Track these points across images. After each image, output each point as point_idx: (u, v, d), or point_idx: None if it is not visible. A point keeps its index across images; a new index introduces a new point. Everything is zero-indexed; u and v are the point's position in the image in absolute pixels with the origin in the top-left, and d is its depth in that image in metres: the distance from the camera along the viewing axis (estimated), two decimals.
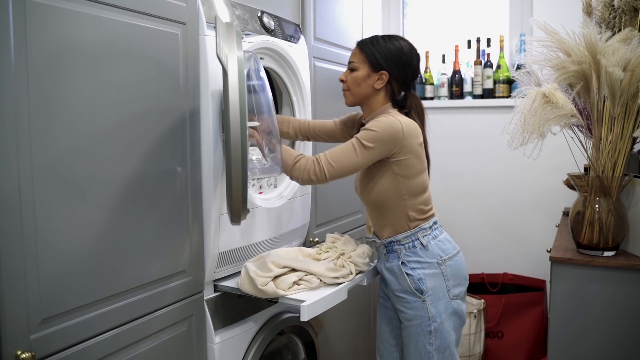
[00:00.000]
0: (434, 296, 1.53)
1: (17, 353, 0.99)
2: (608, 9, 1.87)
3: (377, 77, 1.56)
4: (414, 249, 1.56)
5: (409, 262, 1.55)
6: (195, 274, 1.43)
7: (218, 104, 1.44)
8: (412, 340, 1.56)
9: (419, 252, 1.55)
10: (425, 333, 1.54)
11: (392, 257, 1.59)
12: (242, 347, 1.56)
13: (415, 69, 1.61)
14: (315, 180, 1.48)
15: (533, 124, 1.61)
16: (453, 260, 1.58)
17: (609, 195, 1.68)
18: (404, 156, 1.51)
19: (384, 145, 1.49)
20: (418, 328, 1.55)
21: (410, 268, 1.55)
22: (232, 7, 1.55)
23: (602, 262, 1.67)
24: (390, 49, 1.56)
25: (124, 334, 1.21)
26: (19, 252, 0.99)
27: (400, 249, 1.57)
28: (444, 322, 1.54)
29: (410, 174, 1.54)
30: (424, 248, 1.55)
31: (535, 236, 2.75)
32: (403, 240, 1.56)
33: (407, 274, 1.54)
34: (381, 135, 1.48)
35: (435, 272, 1.54)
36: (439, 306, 1.54)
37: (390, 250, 1.59)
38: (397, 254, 1.57)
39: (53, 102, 1.04)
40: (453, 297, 1.56)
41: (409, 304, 1.55)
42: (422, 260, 1.55)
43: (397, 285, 1.57)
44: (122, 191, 1.20)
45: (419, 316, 1.54)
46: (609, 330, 1.66)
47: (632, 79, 1.59)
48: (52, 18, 1.04)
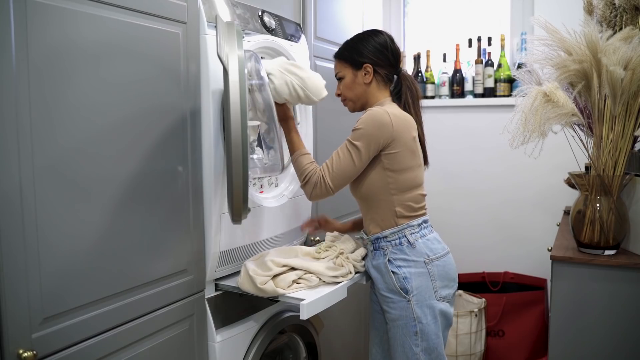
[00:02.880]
0: (419, 296, 1.50)
1: (19, 352, 0.99)
2: (609, 8, 1.86)
3: (363, 72, 1.58)
4: (400, 247, 1.53)
5: (395, 259, 1.52)
6: (196, 273, 1.43)
7: (219, 103, 1.44)
8: (398, 341, 1.52)
9: (405, 250, 1.52)
10: (411, 334, 1.50)
11: (379, 254, 1.56)
12: (243, 346, 1.56)
13: (392, 47, 1.61)
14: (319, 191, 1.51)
15: (534, 123, 1.61)
16: (441, 261, 1.55)
17: (609, 194, 1.68)
18: (395, 149, 1.50)
19: (374, 139, 1.48)
20: (404, 329, 1.51)
21: (396, 266, 1.52)
22: (233, 6, 1.55)
23: (603, 261, 1.67)
24: (359, 42, 1.60)
25: (125, 333, 1.22)
26: (21, 252, 0.99)
27: (386, 245, 1.54)
28: (430, 323, 1.50)
29: (399, 168, 1.52)
30: (410, 246, 1.52)
31: (536, 235, 2.75)
32: (389, 237, 1.54)
33: (392, 272, 1.51)
34: (367, 130, 1.48)
35: (421, 272, 1.51)
36: (424, 307, 1.50)
37: (377, 247, 1.57)
38: (383, 251, 1.55)
39: (54, 101, 1.05)
40: (440, 299, 1.53)
41: (394, 304, 1.52)
42: (408, 258, 1.52)
43: (383, 284, 1.54)
44: (123, 190, 1.20)
45: (404, 316, 1.50)
46: (609, 328, 1.66)
47: (633, 77, 1.59)
48: (53, 18, 1.04)
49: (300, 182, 1.56)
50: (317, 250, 1.60)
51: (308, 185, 1.52)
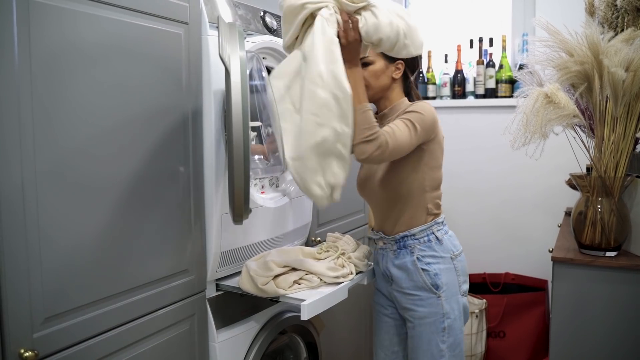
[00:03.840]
0: (449, 292, 1.52)
1: (21, 351, 0.99)
2: (611, 9, 1.86)
3: (394, 67, 1.56)
4: (429, 243, 1.54)
5: (424, 257, 1.53)
6: (197, 273, 1.43)
7: (220, 104, 1.45)
8: (424, 339, 1.52)
9: (434, 247, 1.54)
10: (439, 331, 1.51)
11: (404, 252, 1.55)
12: (243, 346, 1.56)
13: (421, 60, 1.63)
14: (379, 155, 1.38)
15: (535, 124, 1.61)
16: (461, 256, 1.59)
17: (611, 195, 1.68)
18: (434, 145, 1.53)
19: (427, 128, 1.48)
20: (432, 326, 1.52)
21: (425, 263, 1.52)
22: (235, 7, 1.55)
23: (604, 262, 1.67)
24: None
25: (126, 332, 1.22)
26: (23, 252, 1.00)
27: (414, 243, 1.54)
28: (457, 318, 1.53)
29: (435, 165, 1.55)
30: (438, 242, 1.54)
31: (537, 236, 2.75)
32: (418, 235, 1.54)
33: (422, 269, 1.52)
34: (426, 117, 1.47)
35: (449, 267, 1.54)
36: (452, 302, 1.53)
37: (402, 245, 1.55)
38: (410, 249, 1.54)
39: (56, 102, 1.05)
40: (462, 294, 1.57)
41: (422, 301, 1.52)
42: (437, 254, 1.53)
43: (409, 282, 1.54)
44: (124, 191, 1.21)
45: (433, 313, 1.51)
46: (610, 330, 1.66)
47: (635, 79, 1.59)
48: (56, 18, 1.04)
49: (360, 137, 1.37)
50: (318, 251, 1.60)
51: (372, 144, 1.36)
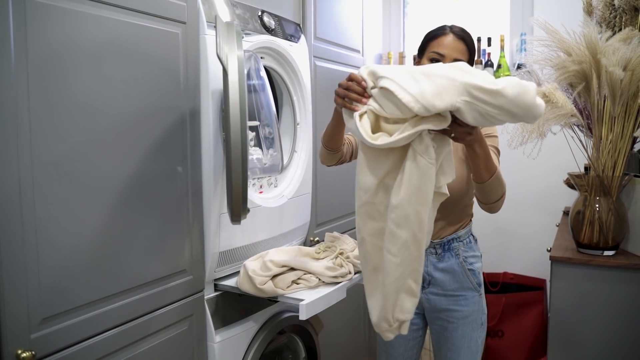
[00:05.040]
0: (482, 288, 1.58)
1: (18, 352, 0.99)
2: (608, 9, 1.87)
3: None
4: (470, 244, 1.57)
5: (467, 257, 1.55)
6: (195, 273, 1.43)
7: (218, 104, 1.44)
8: (466, 337, 1.54)
9: (473, 247, 1.58)
10: (478, 326, 1.56)
11: (448, 256, 1.55)
12: (242, 346, 1.56)
13: None
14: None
15: (533, 124, 1.61)
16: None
17: (609, 194, 1.68)
18: None
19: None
20: (473, 323, 1.55)
21: (469, 263, 1.55)
22: (233, 6, 1.55)
23: (602, 261, 1.67)
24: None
25: (124, 333, 1.22)
26: (20, 251, 0.99)
27: (458, 245, 1.55)
28: (486, 312, 1.59)
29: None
30: (476, 242, 1.59)
31: (536, 235, 2.75)
32: (463, 236, 1.56)
33: (469, 270, 1.55)
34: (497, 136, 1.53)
35: (481, 265, 1.59)
36: (484, 297, 1.59)
37: (447, 249, 1.55)
38: (454, 252, 1.54)
39: (53, 101, 1.04)
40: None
41: (467, 300, 1.54)
42: (475, 254, 1.58)
43: (455, 284, 1.54)
44: (122, 190, 1.20)
45: (476, 311, 1.55)
46: (608, 329, 1.66)
47: (633, 78, 1.59)
48: (52, 17, 1.04)
49: (495, 199, 1.38)
50: (317, 251, 1.60)
51: (502, 201, 1.41)
